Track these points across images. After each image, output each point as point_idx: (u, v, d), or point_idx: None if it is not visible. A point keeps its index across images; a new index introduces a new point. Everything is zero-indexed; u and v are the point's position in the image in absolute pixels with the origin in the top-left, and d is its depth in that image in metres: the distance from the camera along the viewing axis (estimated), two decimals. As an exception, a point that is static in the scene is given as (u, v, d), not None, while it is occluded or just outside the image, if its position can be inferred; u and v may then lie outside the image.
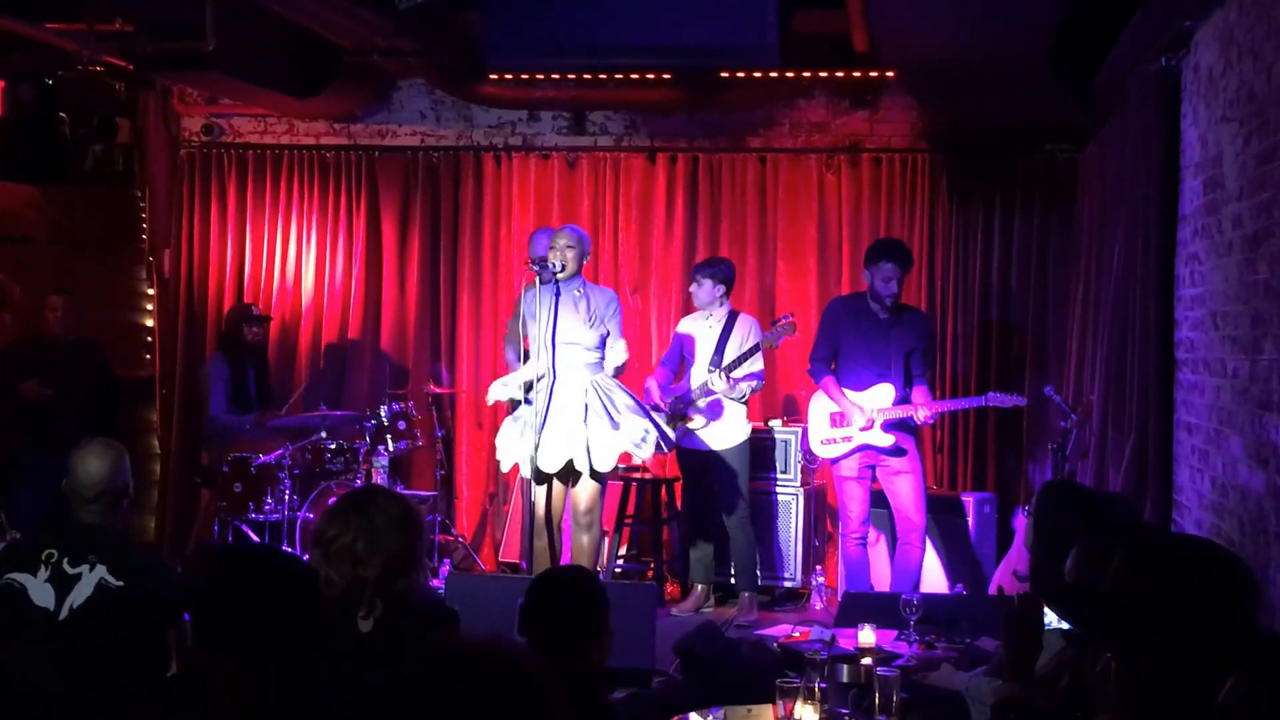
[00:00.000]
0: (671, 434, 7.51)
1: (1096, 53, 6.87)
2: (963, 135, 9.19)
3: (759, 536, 8.38)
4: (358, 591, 3.53)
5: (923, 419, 7.79)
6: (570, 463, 7.07)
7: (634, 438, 7.15)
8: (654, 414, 7.42)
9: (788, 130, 9.55)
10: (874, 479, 7.96)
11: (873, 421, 7.74)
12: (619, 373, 7.32)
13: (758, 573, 8.31)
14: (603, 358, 7.22)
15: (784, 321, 7.96)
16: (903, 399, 7.78)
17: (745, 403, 8.16)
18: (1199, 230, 5.68)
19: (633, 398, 7.32)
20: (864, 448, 7.82)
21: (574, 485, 7.19)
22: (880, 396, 7.77)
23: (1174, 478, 6.06)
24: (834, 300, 8.43)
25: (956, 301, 9.20)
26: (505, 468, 7.68)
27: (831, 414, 7.91)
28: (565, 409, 7.06)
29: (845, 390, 7.85)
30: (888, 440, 7.77)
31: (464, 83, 9.57)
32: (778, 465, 8.66)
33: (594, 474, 7.14)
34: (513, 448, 7.27)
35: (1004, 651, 3.65)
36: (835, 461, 7.95)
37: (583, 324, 7.10)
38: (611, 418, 7.10)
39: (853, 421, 7.78)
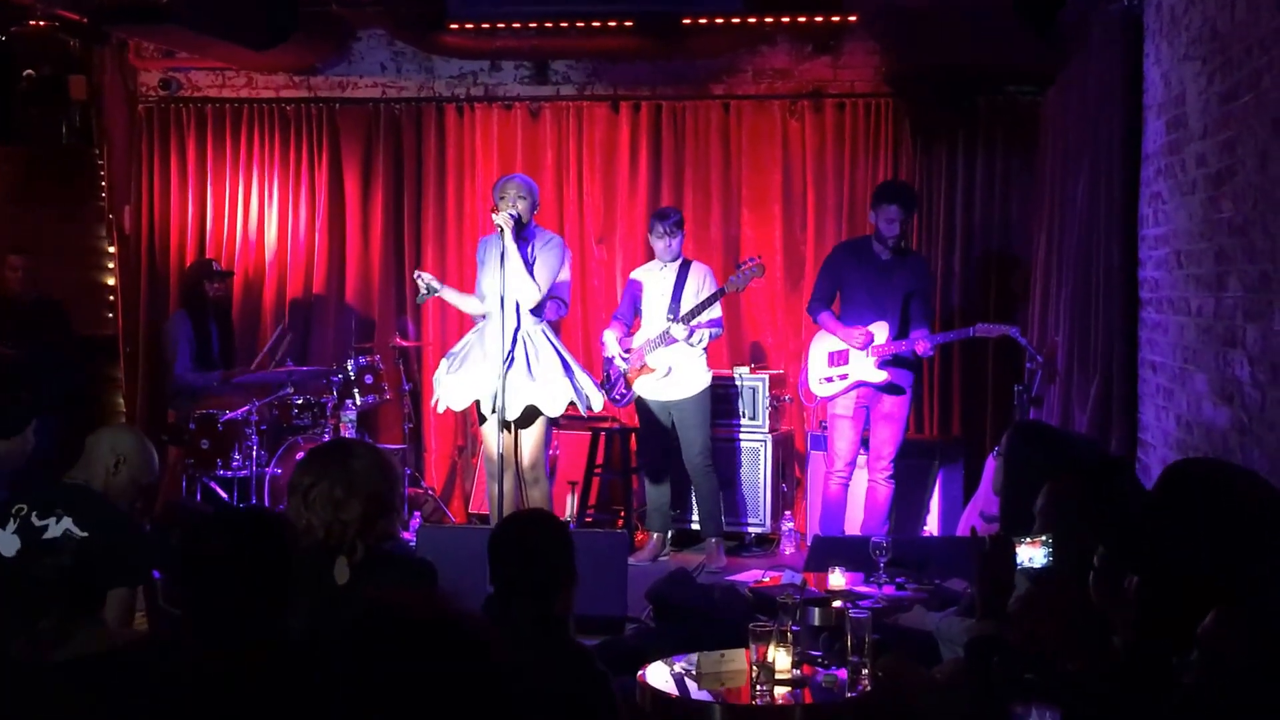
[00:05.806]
0: (596, 396, 7.43)
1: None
2: (925, 79, 9.17)
3: (726, 483, 8.42)
4: (340, 535, 3.54)
5: (921, 351, 7.82)
6: (479, 403, 7.17)
7: (549, 393, 7.15)
8: (579, 375, 7.33)
9: (751, 77, 9.51)
10: (866, 422, 7.99)
11: (871, 335, 7.75)
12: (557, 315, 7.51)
13: (723, 519, 8.35)
14: (542, 306, 7.25)
15: (750, 264, 7.94)
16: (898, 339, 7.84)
17: (704, 351, 8.17)
18: (1162, 169, 5.70)
19: (561, 356, 7.29)
20: (860, 384, 7.86)
21: (516, 435, 7.21)
22: (876, 334, 7.81)
23: (1139, 416, 6.12)
24: (836, 247, 8.45)
25: (920, 246, 9.18)
26: (433, 401, 7.69)
27: (830, 353, 7.94)
28: (490, 354, 7.10)
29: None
30: (882, 376, 7.81)
31: (425, 33, 9.48)
32: (745, 412, 8.67)
33: (524, 423, 7.16)
34: (439, 384, 7.38)
35: (977, 591, 3.67)
36: (832, 399, 7.99)
37: (523, 273, 7.09)
38: (530, 369, 7.12)
39: (852, 343, 7.80)
